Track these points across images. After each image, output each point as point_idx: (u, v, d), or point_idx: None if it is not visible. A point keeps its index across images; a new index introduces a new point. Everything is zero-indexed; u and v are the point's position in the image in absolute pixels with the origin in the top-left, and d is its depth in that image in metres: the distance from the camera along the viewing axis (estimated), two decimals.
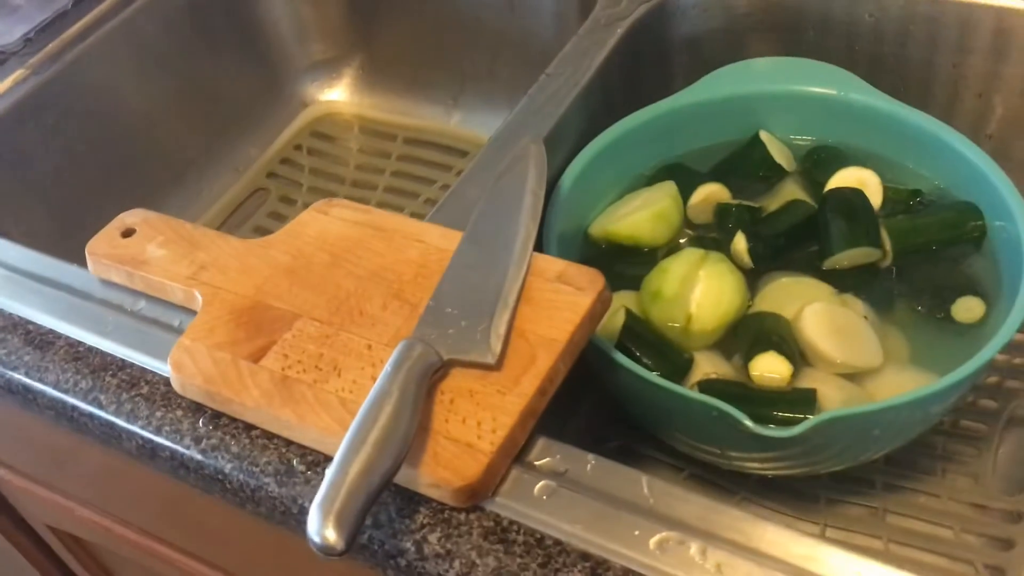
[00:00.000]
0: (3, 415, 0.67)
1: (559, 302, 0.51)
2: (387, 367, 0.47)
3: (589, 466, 0.47)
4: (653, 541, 0.43)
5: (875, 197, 0.66)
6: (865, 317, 0.61)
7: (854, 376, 0.59)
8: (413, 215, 0.90)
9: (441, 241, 0.56)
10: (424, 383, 0.47)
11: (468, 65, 0.96)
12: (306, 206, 0.92)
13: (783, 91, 0.71)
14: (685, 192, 0.69)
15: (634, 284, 0.64)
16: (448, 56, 0.96)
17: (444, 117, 0.98)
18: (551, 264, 0.53)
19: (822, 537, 0.61)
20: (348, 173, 0.97)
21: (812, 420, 0.51)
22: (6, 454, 0.76)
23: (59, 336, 0.57)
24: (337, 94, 1.03)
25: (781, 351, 0.58)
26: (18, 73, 0.79)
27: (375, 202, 0.93)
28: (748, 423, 0.51)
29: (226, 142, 0.96)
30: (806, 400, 0.56)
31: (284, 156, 0.99)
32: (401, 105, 1.01)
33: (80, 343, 0.56)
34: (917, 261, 0.64)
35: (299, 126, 1.01)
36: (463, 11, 0.92)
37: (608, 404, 0.66)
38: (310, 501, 0.47)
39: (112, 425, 0.53)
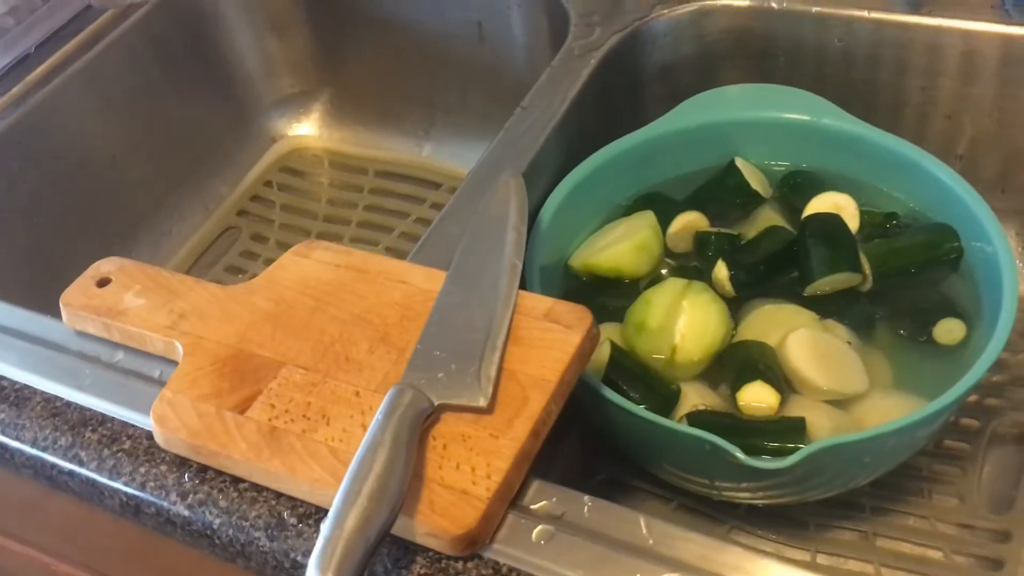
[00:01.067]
0: None
1: (548, 341, 0.51)
2: (378, 415, 0.46)
3: (586, 508, 0.46)
4: None
5: (852, 221, 0.67)
6: (848, 342, 0.61)
7: (841, 402, 0.59)
8: (388, 249, 0.90)
9: (425, 282, 0.55)
10: (416, 430, 0.46)
11: (438, 96, 0.96)
12: (279, 243, 0.92)
13: (756, 117, 0.72)
14: (664, 221, 0.69)
15: (617, 316, 0.64)
16: (418, 88, 0.96)
17: (415, 149, 0.98)
18: (538, 302, 0.53)
19: (818, 568, 0.61)
20: (320, 208, 0.96)
21: (805, 450, 0.51)
22: None
23: (35, 391, 0.56)
24: (306, 128, 1.02)
25: (767, 380, 0.58)
26: None
27: (348, 237, 0.92)
28: (740, 456, 0.51)
29: (195, 180, 0.94)
30: (796, 429, 0.56)
31: (254, 193, 0.97)
32: (371, 138, 1.00)
33: (57, 398, 0.55)
34: (896, 284, 0.64)
35: (268, 162, 1.00)
36: (432, 43, 0.92)
37: (594, 437, 0.65)
38: (303, 554, 0.47)
39: (94, 483, 0.52)
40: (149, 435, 0.52)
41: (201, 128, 0.95)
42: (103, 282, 0.59)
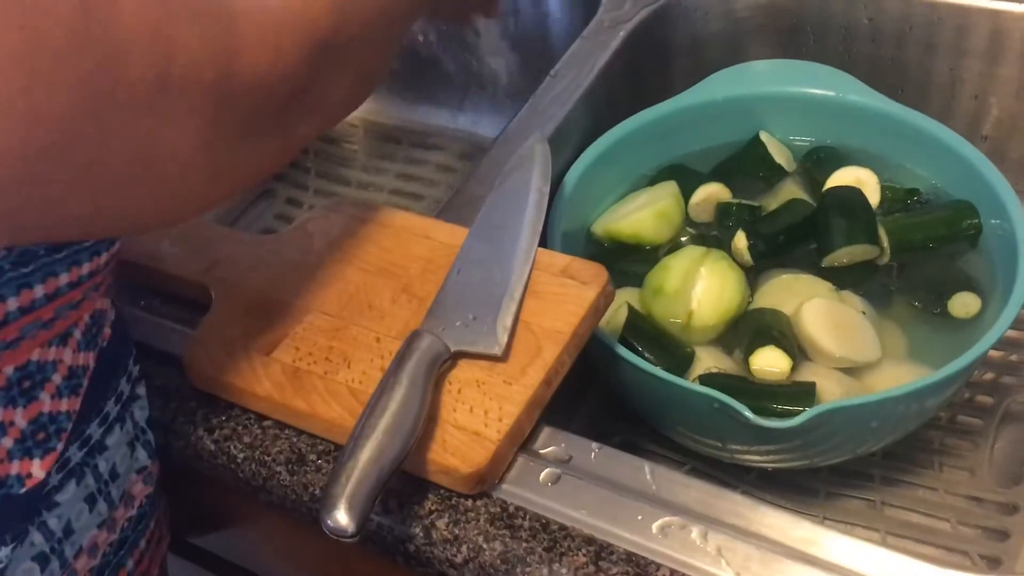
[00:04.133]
0: None
1: (564, 295, 0.52)
2: (396, 357, 0.48)
3: (593, 454, 0.48)
4: (656, 525, 0.45)
5: (873, 196, 0.67)
6: (863, 313, 0.62)
7: (853, 370, 0.60)
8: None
9: (447, 237, 0.57)
10: (432, 373, 0.48)
11: (473, 69, 0.98)
12: (312, 208, 0.94)
13: (782, 93, 0.72)
14: (686, 192, 0.70)
15: (636, 281, 0.66)
16: (453, 60, 0.98)
17: (449, 120, 1.00)
18: (556, 259, 0.55)
19: (821, 520, 0.62)
20: (354, 175, 0.98)
21: (812, 411, 0.52)
22: None
23: None
24: None
25: (781, 345, 0.60)
26: None
27: (380, 203, 0.94)
28: (749, 415, 0.52)
29: None
30: (806, 393, 0.57)
31: (291, 159, 1.00)
32: (406, 109, 1.02)
33: None
34: (914, 258, 0.65)
35: None
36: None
37: (610, 401, 0.67)
38: (321, 489, 0.49)
39: None
40: (181, 373, 0.54)
41: None
42: None
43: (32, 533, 0.42)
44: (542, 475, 0.47)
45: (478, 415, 0.48)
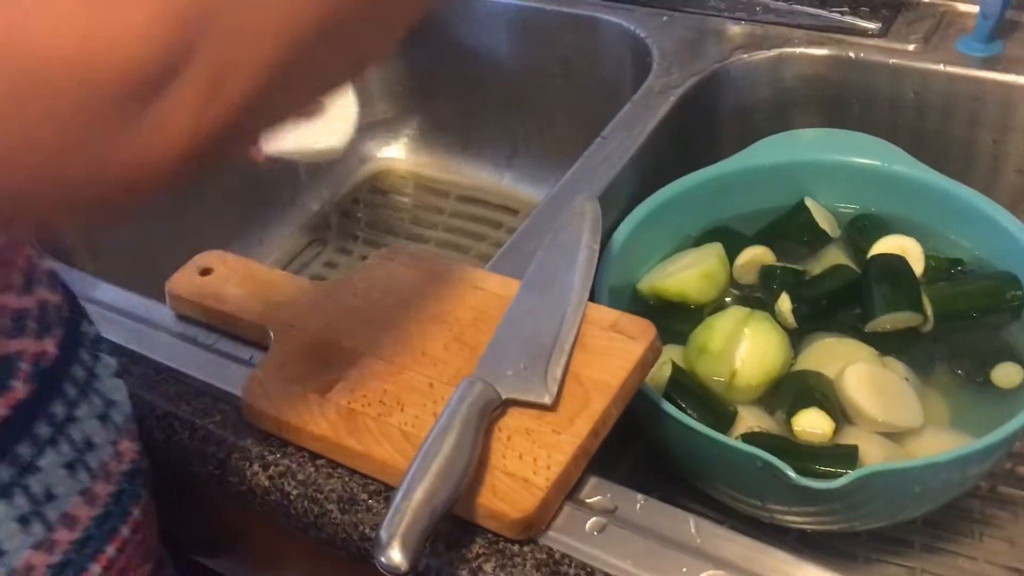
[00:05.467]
0: None
1: (613, 349, 0.54)
2: (450, 402, 0.50)
3: (638, 505, 0.49)
4: None
5: (917, 264, 0.68)
6: (906, 379, 0.63)
7: (895, 436, 0.61)
8: None
9: (500, 288, 0.59)
10: (484, 420, 0.49)
11: (521, 128, 1.01)
12: (361, 257, 0.97)
13: (828, 161, 0.74)
14: (731, 253, 0.71)
15: (680, 339, 0.67)
16: (502, 119, 1.01)
17: (496, 176, 1.03)
18: (605, 313, 0.56)
19: None
20: (402, 227, 1.01)
21: (855, 473, 0.53)
22: None
23: (136, 364, 0.61)
24: (395, 151, 1.07)
25: (823, 408, 0.60)
26: None
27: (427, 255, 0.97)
28: (792, 474, 0.53)
29: (289, 195, 1.00)
30: (849, 456, 0.57)
31: (342, 209, 1.03)
32: (455, 164, 1.05)
33: (157, 372, 0.60)
34: (957, 327, 0.66)
35: (357, 181, 1.05)
36: (519, 78, 0.97)
37: (649, 457, 0.67)
38: (371, 528, 0.50)
39: (185, 450, 0.56)
40: (238, 411, 0.56)
41: None
42: (205, 272, 0.64)
43: None
44: (588, 524, 0.48)
45: (527, 462, 0.49)
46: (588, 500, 0.49)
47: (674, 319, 0.68)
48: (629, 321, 0.55)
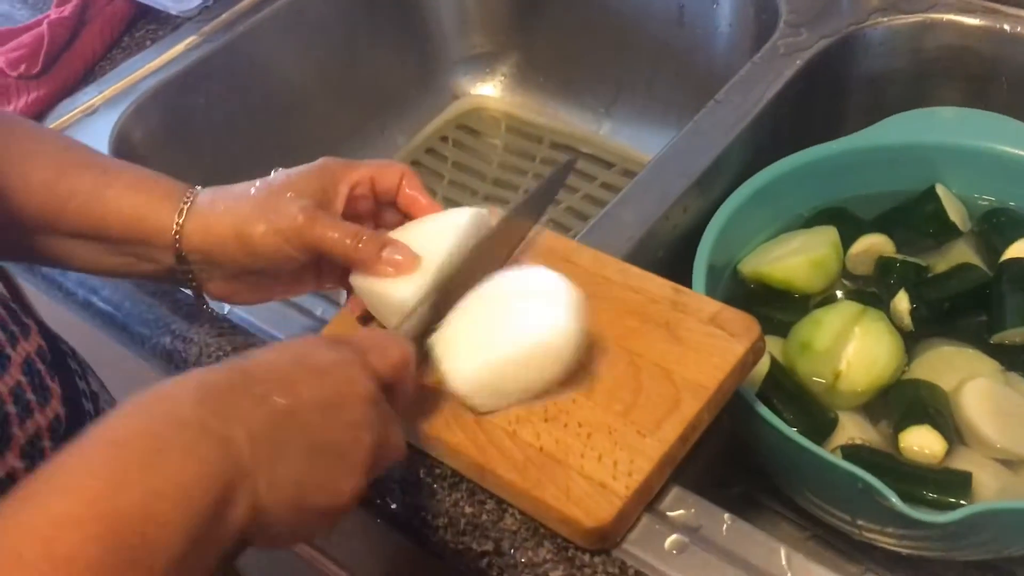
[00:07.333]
0: None
1: (711, 347, 0.49)
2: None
3: (725, 526, 0.45)
4: None
5: None
6: None
7: (1011, 463, 0.55)
8: (552, 222, 0.89)
9: (590, 264, 0.54)
10: None
11: (626, 75, 0.94)
12: (445, 199, 0.92)
13: (966, 145, 0.67)
14: (846, 239, 0.65)
15: (780, 330, 0.62)
16: (606, 64, 0.94)
17: (594, 125, 0.97)
18: (705, 304, 0.51)
19: None
20: (490, 171, 0.96)
21: (969, 509, 0.47)
22: None
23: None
24: (489, 89, 1.02)
25: (936, 425, 0.55)
26: (191, 39, 0.80)
27: (513, 203, 0.92)
28: (896, 502, 0.48)
29: (375, 127, 0.96)
30: (961, 484, 0.52)
31: (429, 146, 0.98)
32: (551, 108, 0.99)
33: (225, 319, 0.57)
34: None
35: (447, 118, 1.01)
36: (629, 19, 0.90)
37: (732, 448, 0.63)
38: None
39: None
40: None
41: (389, 77, 0.96)
42: None
43: None
44: (668, 541, 0.44)
45: (607, 465, 0.45)
46: (669, 513, 0.45)
47: (776, 308, 0.63)
48: (731, 316, 0.50)
